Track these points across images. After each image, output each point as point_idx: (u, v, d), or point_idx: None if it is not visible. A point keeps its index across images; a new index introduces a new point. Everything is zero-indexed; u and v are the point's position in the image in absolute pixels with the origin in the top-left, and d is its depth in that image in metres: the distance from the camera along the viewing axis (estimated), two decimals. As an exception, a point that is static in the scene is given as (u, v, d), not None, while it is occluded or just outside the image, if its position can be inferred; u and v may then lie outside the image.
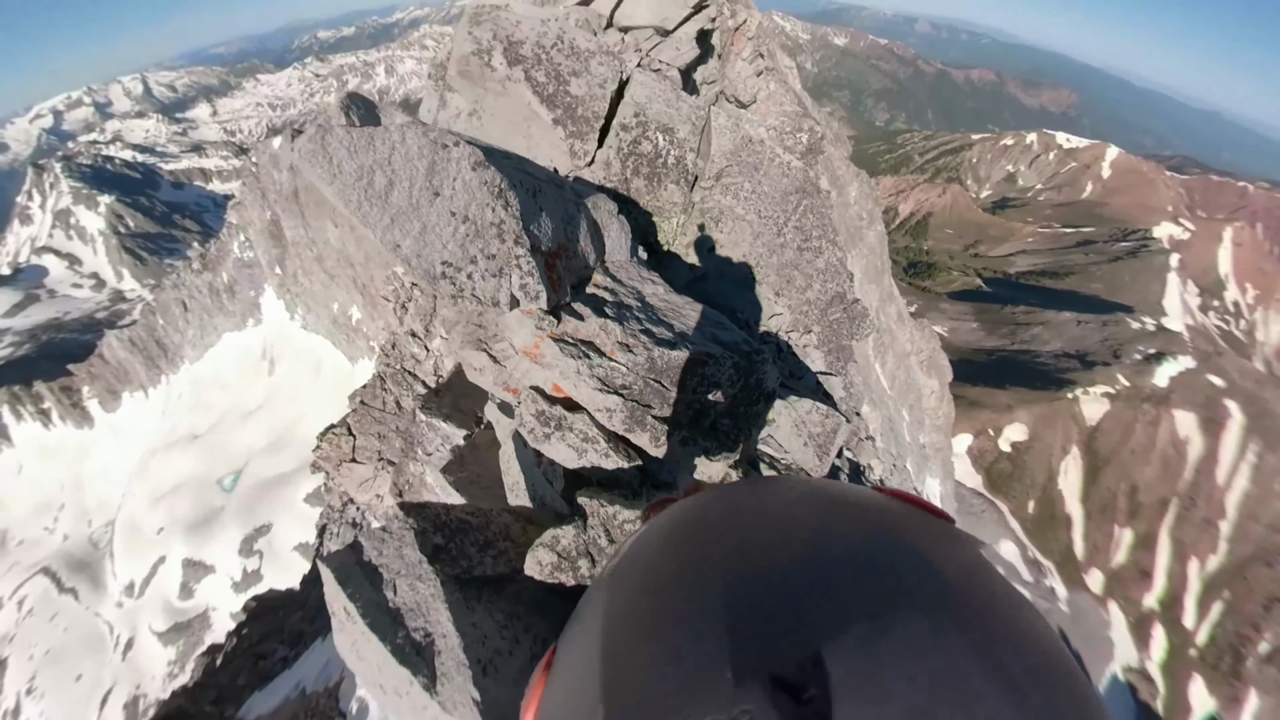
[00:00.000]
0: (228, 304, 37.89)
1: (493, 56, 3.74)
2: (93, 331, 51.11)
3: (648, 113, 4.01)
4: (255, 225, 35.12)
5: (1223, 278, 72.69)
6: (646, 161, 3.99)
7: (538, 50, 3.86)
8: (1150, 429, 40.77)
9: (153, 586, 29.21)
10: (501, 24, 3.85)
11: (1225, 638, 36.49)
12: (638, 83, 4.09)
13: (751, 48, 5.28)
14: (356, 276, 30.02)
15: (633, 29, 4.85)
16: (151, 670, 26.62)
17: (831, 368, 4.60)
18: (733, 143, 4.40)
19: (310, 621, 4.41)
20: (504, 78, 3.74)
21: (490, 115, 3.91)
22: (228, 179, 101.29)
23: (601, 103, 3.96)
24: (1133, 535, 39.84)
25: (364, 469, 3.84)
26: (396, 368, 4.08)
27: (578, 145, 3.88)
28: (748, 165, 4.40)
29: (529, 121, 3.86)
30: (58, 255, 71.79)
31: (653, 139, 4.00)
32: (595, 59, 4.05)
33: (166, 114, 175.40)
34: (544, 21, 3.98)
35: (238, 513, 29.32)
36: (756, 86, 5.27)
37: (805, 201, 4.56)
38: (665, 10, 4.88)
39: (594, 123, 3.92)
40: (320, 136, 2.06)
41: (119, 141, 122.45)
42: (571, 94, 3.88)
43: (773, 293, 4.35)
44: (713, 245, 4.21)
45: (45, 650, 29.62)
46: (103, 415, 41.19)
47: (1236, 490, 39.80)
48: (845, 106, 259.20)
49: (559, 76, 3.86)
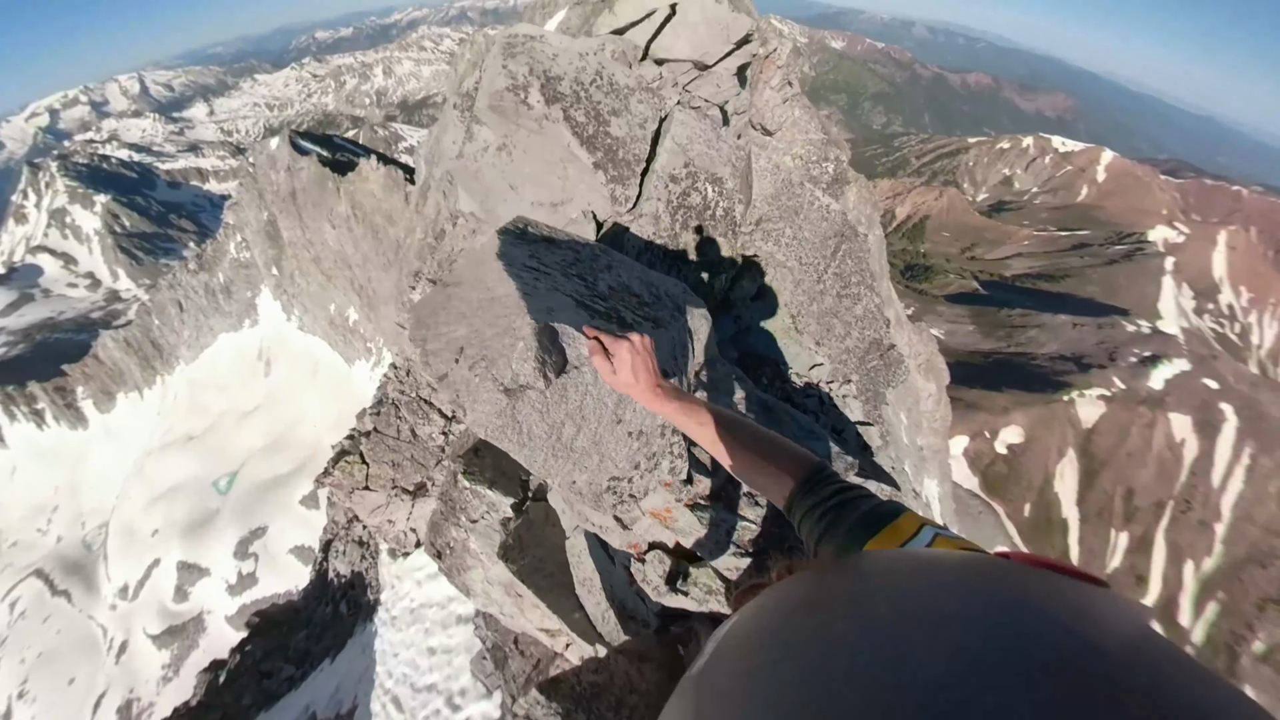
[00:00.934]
0: (224, 304, 37.76)
1: (529, 93, 3.56)
2: (88, 331, 50.83)
3: (691, 155, 3.89)
4: (252, 225, 35.03)
5: (1217, 281, 73.18)
6: (696, 214, 3.85)
7: (576, 87, 3.70)
8: (1146, 432, 40.99)
9: (147, 589, 29.01)
10: (538, 57, 3.66)
11: (1221, 638, 36.70)
12: (678, 122, 3.95)
13: (781, 76, 5.18)
14: (354, 278, 29.96)
15: (670, 61, 4.69)
16: (145, 674, 26.41)
17: (869, 416, 4.49)
18: (774, 186, 4.32)
19: (316, 640, 4.35)
20: (541, 116, 3.56)
21: (522, 152, 3.77)
22: (224, 179, 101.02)
23: (643, 144, 3.82)
24: (1129, 538, 40.02)
25: (376, 496, 3.78)
26: (412, 395, 4.00)
27: (619, 191, 3.72)
28: (788, 209, 4.33)
29: (565, 163, 3.71)
30: (53, 254, 71.40)
31: (702, 190, 3.86)
32: (635, 96, 3.91)
33: (163, 113, 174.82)
34: (582, 55, 3.82)
35: (234, 515, 29.18)
36: (782, 114, 5.18)
37: (845, 246, 4.51)
38: (706, 45, 4.71)
39: (635, 166, 3.77)
40: (511, 408, 1.74)
41: (115, 141, 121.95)
42: (612, 135, 3.73)
43: (814, 342, 4.25)
44: (755, 294, 4.13)
45: (38, 653, 29.37)
46: (97, 416, 40.96)
47: (1231, 492, 40.03)
48: (842, 110, 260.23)
49: (599, 116, 3.71)
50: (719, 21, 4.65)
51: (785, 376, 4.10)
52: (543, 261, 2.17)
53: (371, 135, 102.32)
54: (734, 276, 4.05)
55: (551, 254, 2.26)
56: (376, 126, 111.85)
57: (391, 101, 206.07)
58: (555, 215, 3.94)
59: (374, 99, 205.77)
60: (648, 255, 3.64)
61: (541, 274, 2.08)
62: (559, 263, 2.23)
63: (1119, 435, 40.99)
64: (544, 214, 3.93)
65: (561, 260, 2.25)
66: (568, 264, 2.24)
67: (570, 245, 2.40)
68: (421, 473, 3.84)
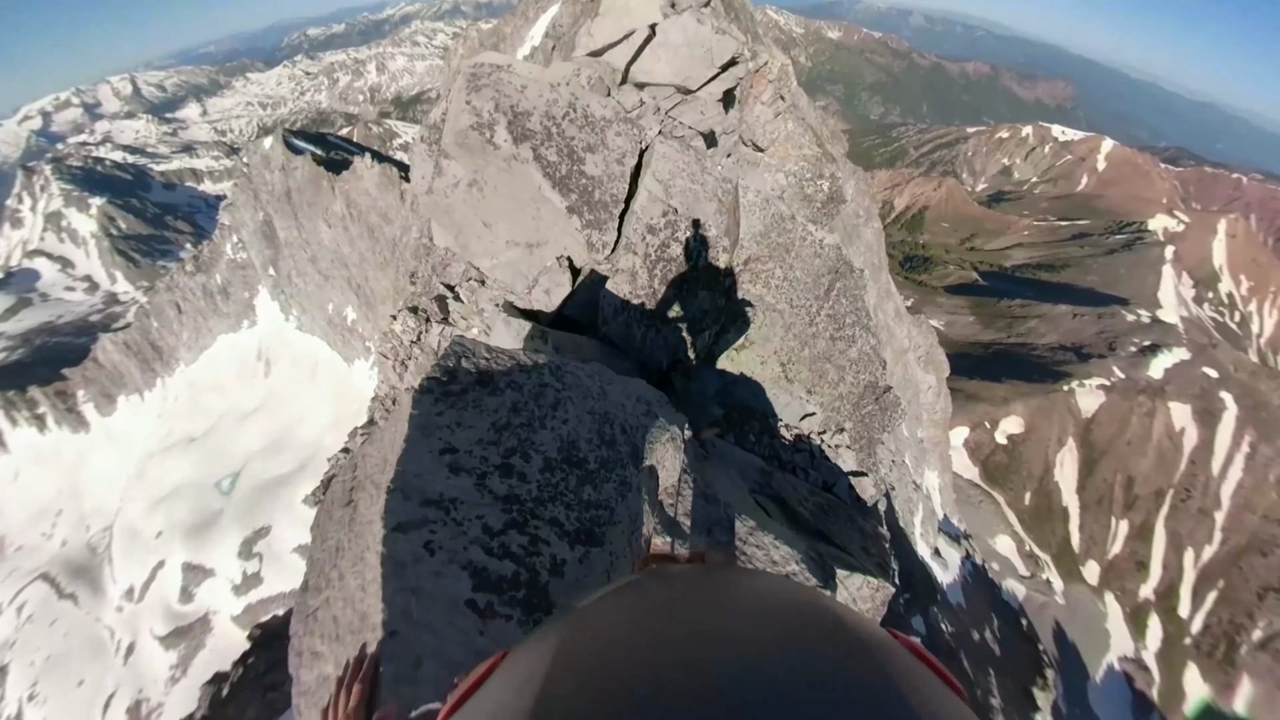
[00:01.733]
0: (222, 306, 37.69)
1: (495, 132, 3.30)
2: (87, 335, 50.78)
3: (673, 193, 3.58)
4: (248, 226, 34.91)
5: (1217, 269, 73.05)
6: (676, 267, 3.54)
7: (547, 122, 3.42)
8: (1146, 420, 41.05)
9: (152, 591, 29.15)
10: (504, 90, 3.38)
11: (1220, 626, 36.90)
12: (660, 155, 3.67)
13: (772, 91, 4.90)
14: (351, 277, 29.90)
15: (651, 85, 4.39)
16: (153, 674, 26.60)
17: (863, 465, 4.20)
18: (763, 222, 4.06)
19: None
20: (509, 156, 3.32)
21: (493, 189, 3.52)
22: (219, 179, 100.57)
23: (621, 183, 3.54)
24: (1129, 526, 40.17)
25: None
26: None
27: (595, 236, 3.45)
28: (779, 247, 4.07)
29: (538, 203, 3.47)
30: (49, 258, 71.21)
31: (683, 240, 3.55)
32: (612, 128, 3.64)
33: (156, 114, 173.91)
34: (553, 87, 3.53)
35: (237, 515, 29.27)
36: (775, 129, 4.91)
37: (839, 284, 4.24)
38: (689, 69, 4.40)
39: (613, 208, 3.50)
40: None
41: (109, 143, 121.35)
42: (587, 174, 3.46)
43: (805, 391, 3.97)
44: (741, 344, 3.85)
45: (46, 656, 29.56)
46: (98, 419, 40.99)
47: (1231, 481, 40.14)
48: (839, 101, 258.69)
49: (572, 153, 3.44)
50: (702, 44, 4.37)
51: (774, 430, 3.83)
52: (457, 446, 1.80)
53: (366, 133, 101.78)
54: (718, 330, 3.78)
55: (479, 418, 1.90)
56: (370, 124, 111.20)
57: (385, 98, 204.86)
58: (531, 257, 3.70)
59: (368, 96, 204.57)
60: (624, 315, 3.35)
61: (443, 518, 1.69)
62: (484, 436, 1.86)
63: (1119, 424, 41.05)
64: (519, 254, 3.70)
65: (492, 425, 1.90)
66: (500, 427, 1.90)
67: (511, 382, 2.04)
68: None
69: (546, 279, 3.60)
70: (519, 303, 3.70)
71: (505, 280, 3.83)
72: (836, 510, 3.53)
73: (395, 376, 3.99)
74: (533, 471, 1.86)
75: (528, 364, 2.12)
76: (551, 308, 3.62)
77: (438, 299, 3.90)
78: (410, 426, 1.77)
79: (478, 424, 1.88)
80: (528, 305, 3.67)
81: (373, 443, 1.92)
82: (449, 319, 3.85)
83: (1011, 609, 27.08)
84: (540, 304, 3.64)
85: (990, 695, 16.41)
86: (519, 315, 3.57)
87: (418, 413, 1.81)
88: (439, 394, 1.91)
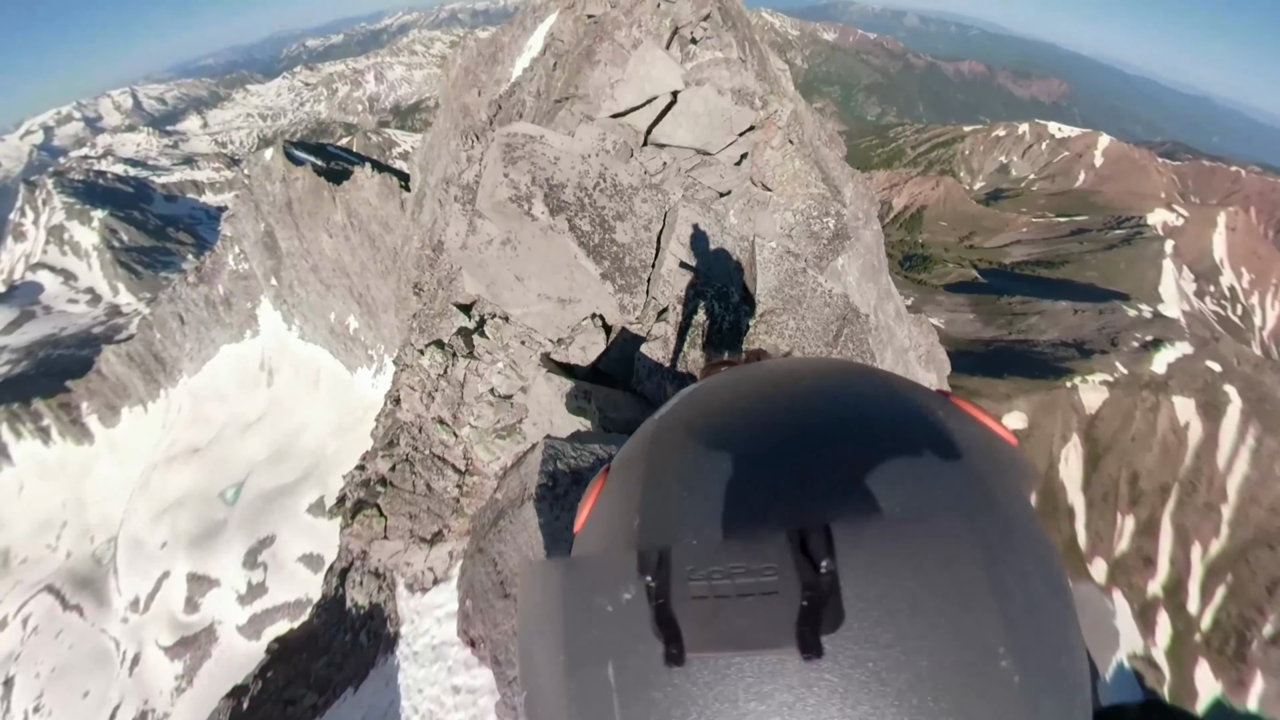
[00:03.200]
0: (224, 316, 37.85)
1: (533, 204, 3.53)
2: (90, 347, 50.97)
3: (696, 255, 3.86)
4: (249, 237, 35.10)
5: (1218, 263, 72.96)
6: (703, 332, 3.83)
7: (580, 194, 3.66)
8: (1150, 416, 40.91)
9: (158, 601, 29.15)
10: (539, 163, 3.63)
11: (1229, 622, 36.64)
12: (683, 219, 3.94)
13: (782, 136, 5.15)
14: (353, 286, 30.03)
15: (672, 147, 4.66)
16: (159, 685, 26.57)
17: None
18: (777, 278, 4.28)
19: (337, 668, 4.33)
20: (546, 227, 3.55)
21: (527, 249, 3.75)
22: (220, 191, 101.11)
23: (648, 248, 3.81)
24: (1135, 522, 39.98)
25: (395, 544, 3.87)
26: (425, 453, 4.09)
27: (627, 300, 3.70)
28: (791, 299, 4.30)
29: (572, 269, 3.71)
30: (52, 271, 71.59)
31: (709, 307, 3.85)
32: (639, 195, 3.90)
33: (157, 127, 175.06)
34: (584, 159, 3.80)
35: (241, 525, 29.28)
36: (783, 170, 5.17)
37: (846, 329, 4.48)
38: (708, 135, 4.67)
39: (642, 273, 3.75)
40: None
41: (110, 156, 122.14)
42: (618, 241, 3.71)
43: None
44: None
45: (51, 668, 29.54)
46: (102, 431, 41.10)
47: (1237, 474, 39.96)
48: (836, 102, 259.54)
49: (603, 223, 3.69)
50: (722, 113, 4.63)
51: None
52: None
53: (365, 142, 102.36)
54: None
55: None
56: (370, 133, 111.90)
57: (384, 107, 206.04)
58: (564, 312, 3.94)
59: (366, 105, 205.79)
60: (658, 376, 3.64)
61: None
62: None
63: (1122, 420, 40.93)
64: (551, 307, 3.95)
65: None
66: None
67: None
68: (438, 523, 3.95)
69: (583, 338, 3.91)
70: (555, 356, 3.97)
71: (536, 326, 4.10)
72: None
73: (422, 407, 4.21)
74: None
75: (604, 455, 2.55)
76: (587, 363, 3.93)
77: (461, 331, 4.09)
78: (544, 534, 2.24)
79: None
80: (564, 359, 3.95)
81: (505, 543, 2.33)
82: (474, 353, 4.06)
83: (1019, 607, 26.94)
84: (577, 359, 3.94)
85: (999, 694, 16.32)
86: (557, 369, 3.84)
87: (544, 521, 2.28)
88: (550, 500, 2.34)
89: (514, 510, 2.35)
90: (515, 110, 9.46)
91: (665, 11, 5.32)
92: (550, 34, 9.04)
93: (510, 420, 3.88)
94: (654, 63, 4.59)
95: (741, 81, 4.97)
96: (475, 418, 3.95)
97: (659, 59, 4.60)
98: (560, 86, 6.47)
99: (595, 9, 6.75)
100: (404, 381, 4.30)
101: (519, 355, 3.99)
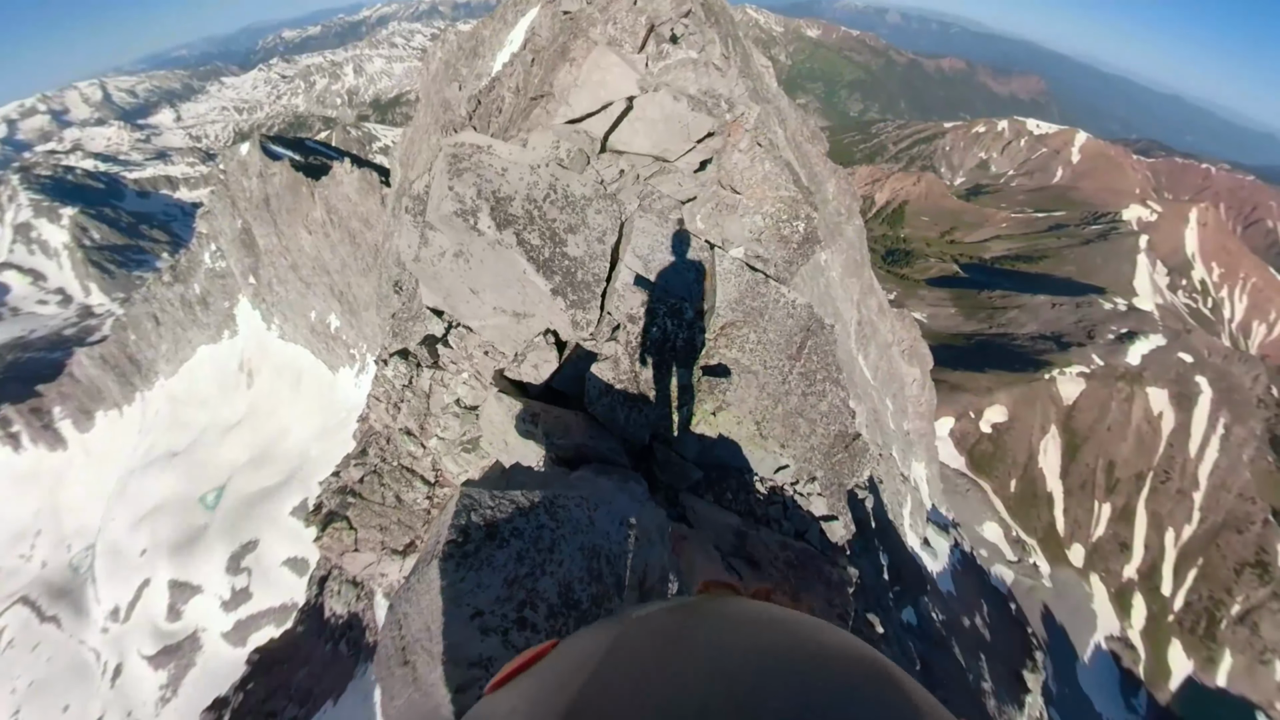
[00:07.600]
0: (201, 316, 36.90)
1: (479, 219, 3.38)
2: (61, 349, 49.40)
3: (650, 268, 3.75)
4: (226, 234, 34.23)
5: (1190, 257, 75.10)
6: (655, 349, 3.72)
7: (529, 206, 3.52)
8: (1125, 406, 42.07)
9: (139, 610, 28.47)
10: (485, 175, 3.49)
11: (1200, 602, 38.00)
12: (639, 230, 3.81)
13: (749, 139, 5.03)
14: (333, 284, 29.48)
15: (629, 154, 4.52)
16: (143, 696, 25.99)
17: (833, 509, 4.41)
18: (738, 289, 4.18)
19: (317, 680, 4.27)
20: (494, 241, 3.41)
21: (479, 262, 3.63)
22: (195, 186, 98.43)
23: (602, 261, 3.67)
24: (1111, 509, 41.16)
25: (367, 556, 3.82)
26: (394, 464, 4.03)
27: (580, 315, 3.57)
28: (752, 311, 4.18)
29: (523, 283, 3.59)
30: (20, 271, 69.14)
31: (661, 324, 3.73)
32: (592, 206, 3.75)
33: (128, 120, 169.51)
34: (533, 169, 3.64)
35: (223, 530, 28.70)
36: (752, 173, 5.03)
37: (810, 341, 4.35)
38: (666, 141, 4.53)
39: (595, 288, 3.63)
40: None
41: (79, 150, 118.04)
42: (569, 255, 3.57)
43: (779, 445, 4.12)
44: (718, 407, 3.96)
45: (29, 682, 28.71)
46: (76, 436, 39.90)
47: (1208, 461, 41.34)
48: (819, 98, 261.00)
49: (554, 236, 3.55)
50: (679, 119, 4.50)
51: (750, 486, 4.06)
52: (482, 609, 2.13)
53: (344, 136, 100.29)
54: (699, 401, 4.00)
55: (493, 575, 2.21)
56: (349, 127, 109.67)
57: (363, 100, 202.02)
58: (520, 326, 3.83)
59: (345, 99, 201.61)
60: (608, 398, 3.55)
61: (485, 676, 2.03)
62: (500, 593, 2.16)
63: (1099, 410, 42.02)
64: (507, 320, 3.83)
65: (504, 581, 2.20)
66: (510, 582, 2.21)
67: (514, 530, 2.34)
68: (410, 534, 3.90)
69: (535, 355, 3.79)
70: (509, 373, 3.86)
71: (493, 340, 3.99)
72: (805, 563, 3.76)
73: (389, 417, 4.12)
74: (540, 620, 2.20)
75: (525, 505, 2.45)
76: (540, 381, 3.82)
77: (427, 340, 4.03)
78: (444, 599, 2.17)
79: (493, 583, 2.21)
80: (517, 376, 3.84)
81: (411, 604, 2.23)
82: (439, 363, 3.97)
83: (1000, 594, 27.60)
84: (530, 377, 3.82)
85: (982, 679, 16.73)
86: (511, 387, 3.76)
87: (446, 584, 2.18)
88: (459, 558, 2.23)
89: (423, 566, 2.28)
90: (495, 106, 9.32)
91: (641, 9, 5.19)
92: (531, 29, 8.93)
93: (476, 434, 3.81)
94: (609, 67, 4.44)
95: (709, 83, 4.84)
96: (442, 429, 3.87)
97: (613, 63, 4.45)
98: (536, 84, 6.36)
99: (570, 5, 6.60)
100: (370, 391, 4.23)
101: (483, 366, 3.91)
